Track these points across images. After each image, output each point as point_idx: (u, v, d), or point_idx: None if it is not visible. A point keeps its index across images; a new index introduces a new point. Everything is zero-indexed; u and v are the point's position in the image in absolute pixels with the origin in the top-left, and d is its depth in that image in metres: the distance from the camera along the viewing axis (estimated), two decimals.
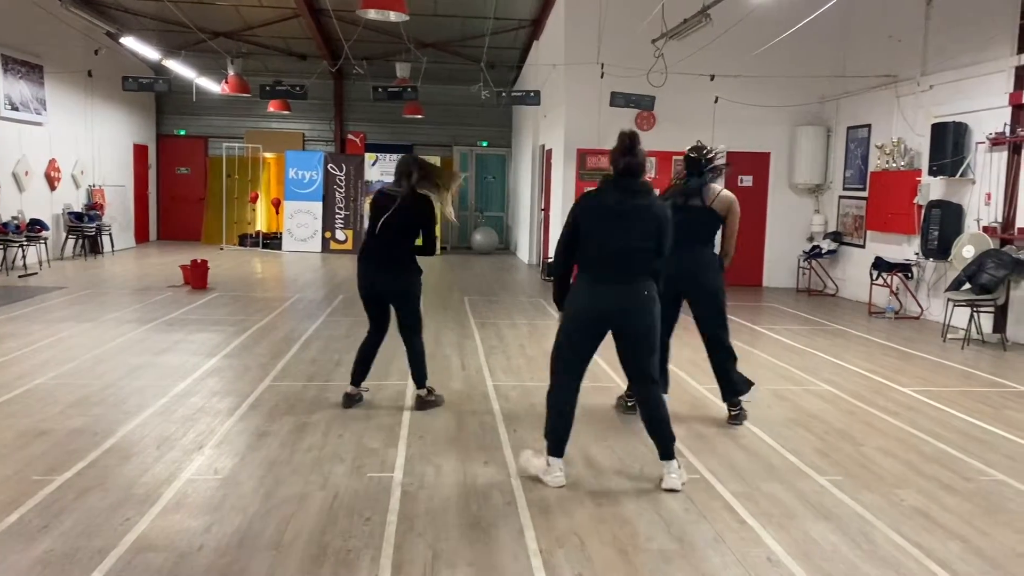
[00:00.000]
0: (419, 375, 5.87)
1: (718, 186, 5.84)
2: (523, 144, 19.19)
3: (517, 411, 5.85)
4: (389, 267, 5.64)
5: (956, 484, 4.59)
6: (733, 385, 5.79)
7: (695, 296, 5.87)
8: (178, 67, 16.55)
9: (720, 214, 5.80)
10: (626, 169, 4.38)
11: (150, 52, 15.66)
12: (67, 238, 15.37)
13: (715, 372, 5.89)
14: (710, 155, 5.72)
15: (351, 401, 5.82)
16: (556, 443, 4.45)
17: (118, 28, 15.09)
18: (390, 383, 6.47)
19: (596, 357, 4.68)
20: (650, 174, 13.49)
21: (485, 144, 21.38)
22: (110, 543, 3.54)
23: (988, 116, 9.63)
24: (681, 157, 6.08)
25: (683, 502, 4.20)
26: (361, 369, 5.88)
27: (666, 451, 4.42)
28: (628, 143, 4.38)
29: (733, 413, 5.72)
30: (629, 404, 5.84)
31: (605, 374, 6.92)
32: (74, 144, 15.77)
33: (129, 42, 14.91)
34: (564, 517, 3.97)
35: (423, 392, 5.88)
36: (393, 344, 6.08)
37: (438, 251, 18.59)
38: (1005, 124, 9.33)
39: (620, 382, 6.62)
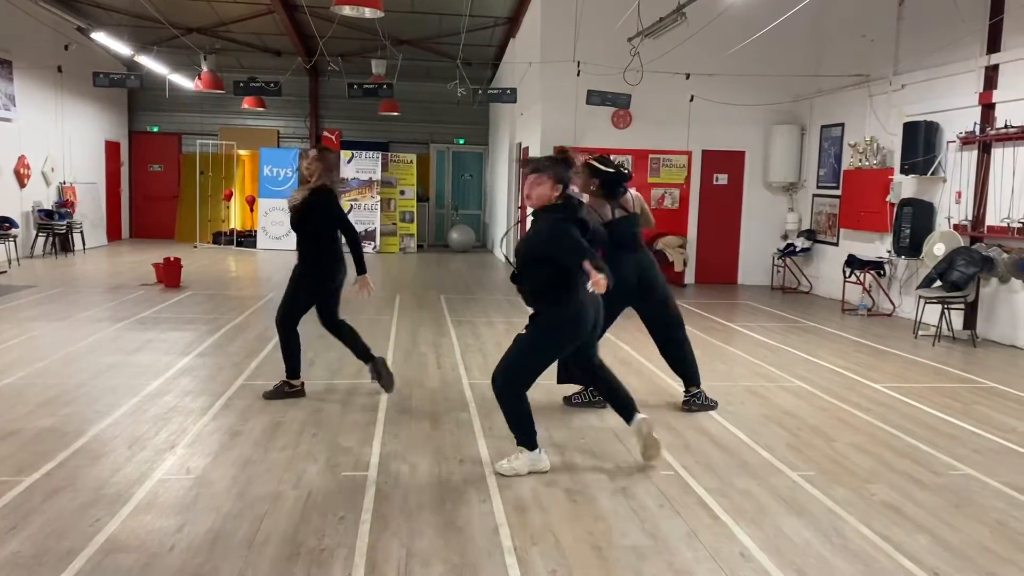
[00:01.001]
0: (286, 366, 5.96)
1: (629, 192, 5.94)
2: (500, 142, 19.19)
3: (493, 409, 5.83)
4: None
5: (926, 479, 4.65)
6: (695, 372, 6.05)
7: (646, 298, 5.92)
8: (150, 63, 16.37)
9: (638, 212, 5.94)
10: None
11: (122, 48, 15.48)
12: (37, 236, 15.15)
13: (675, 364, 6.10)
14: (623, 168, 5.93)
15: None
16: (534, 436, 4.55)
17: (89, 23, 14.91)
18: (364, 382, 6.44)
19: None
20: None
21: (462, 142, 21.35)
22: (79, 544, 3.49)
23: (958, 115, 9.76)
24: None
25: (657, 498, 4.22)
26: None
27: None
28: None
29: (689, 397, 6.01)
30: (596, 397, 5.94)
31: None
32: (44, 140, 15.54)
33: (100, 37, 14.75)
34: (539, 514, 3.98)
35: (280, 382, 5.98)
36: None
37: (412, 248, 18.64)
38: (975, 123, 9.46)
39: None
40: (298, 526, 3.75)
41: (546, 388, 6.32)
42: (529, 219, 4.53)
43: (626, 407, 4.77)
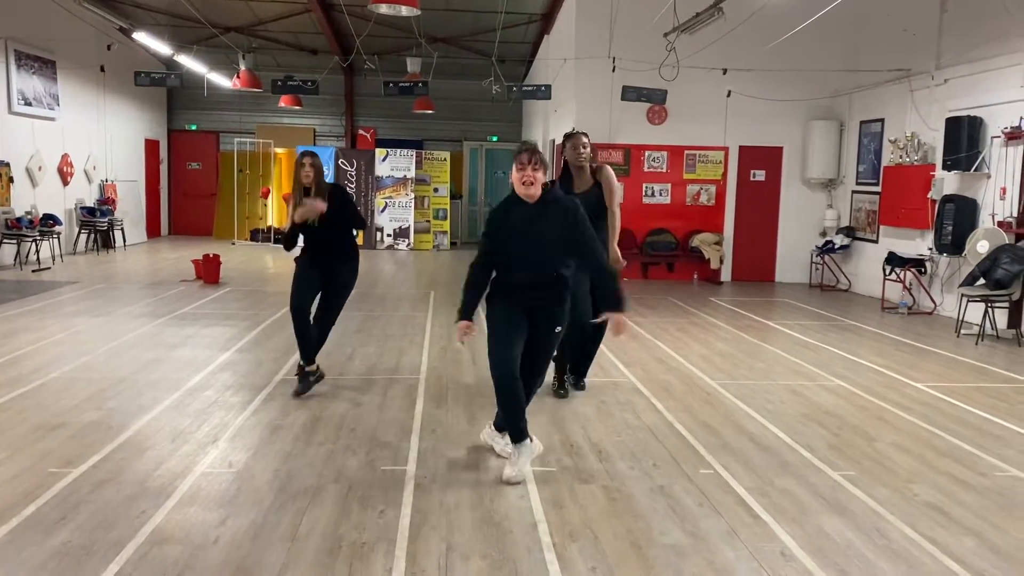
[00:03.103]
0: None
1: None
2: (533, 139, 19.17)
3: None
4: None
5: (970, 480, 4.57)
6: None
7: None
8: (190, 62, 16.60)
9: None
10: None
11: (162, 47, 15.71)
12: (80, 233, 15.45)
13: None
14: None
15: None
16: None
17: (130, 23, 15.16)
18: (400, 377, 6.48)
19: (607, 351, 4.68)
20: (661, 168, 13.50)
21: (495, 139, 21.36)
22: (126, 535, 3.56)
23: (1003, 110, 9.56)
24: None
25: (696, 497, 4.20)
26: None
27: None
28: None
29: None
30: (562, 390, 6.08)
31: (615, 368, 6.92)
32: (86, 139, 15.84)
33: (141, 37, 14.98)
34: (577, 511, 3.97)
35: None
36: (403, 340, 6.11)
37: (446, 245, 18.71)
38: (1020, 118, 9.26)
39: (631, 376, 6.62)
40: (339, 520, 3.79)
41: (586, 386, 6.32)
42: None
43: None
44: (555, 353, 4.94)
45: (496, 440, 4.75)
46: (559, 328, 4.53)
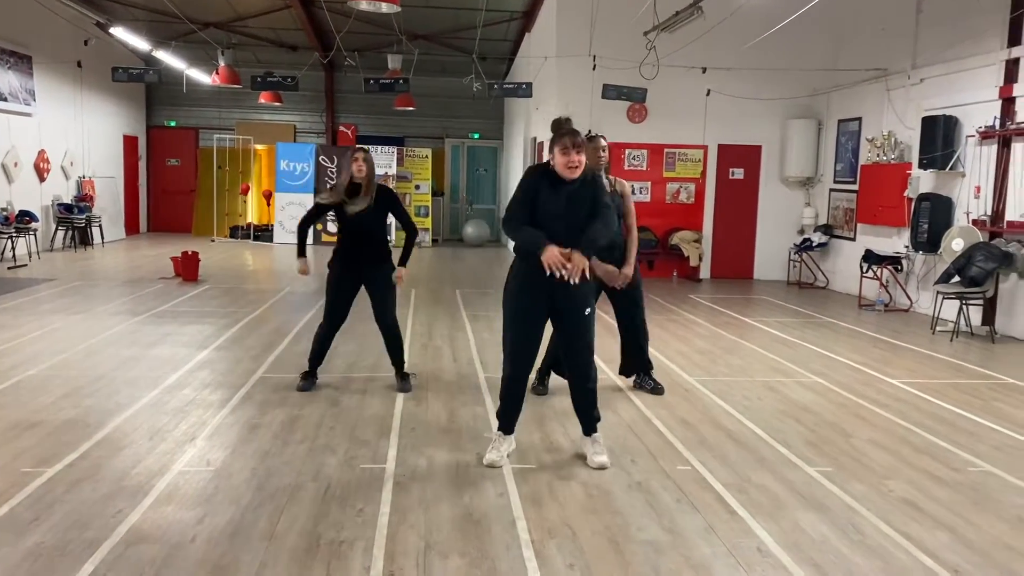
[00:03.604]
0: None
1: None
2: (515, 136, 19.17)
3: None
4: None
5: (945, 475, 4.63)
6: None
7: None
8: (168, 58, 16.46)
9: None
10: None
11: (140, 43, 15.57)
12: (57, 230, 15.28)
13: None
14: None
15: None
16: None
17: (108, 18, 15.00)
18: (380, 375, 6.47)
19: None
20: (641, 166, 13.54)
21: (476, 136, 21.35)
22: (102, 535, 3.54)
23: (978, 109, 9.67)
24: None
25: (674, 493, 4.22)
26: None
27: (591, 425, 4.69)
28: None
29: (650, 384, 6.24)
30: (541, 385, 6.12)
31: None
32: (63, 135, 15.67)
33: (119, 32, 14.83)
34: (556, 508, 3.99)
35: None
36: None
37: (427, 242, 18.68)
38: (995, 117, 9.38)
39: (609, 372, 6.65)
40: (317, 519, 3.78)
41: (560, 381, 6.34)
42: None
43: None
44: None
45: (588, 448, 4.68)
46: (589, 309, 4.54)
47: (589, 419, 4.69)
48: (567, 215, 4.39)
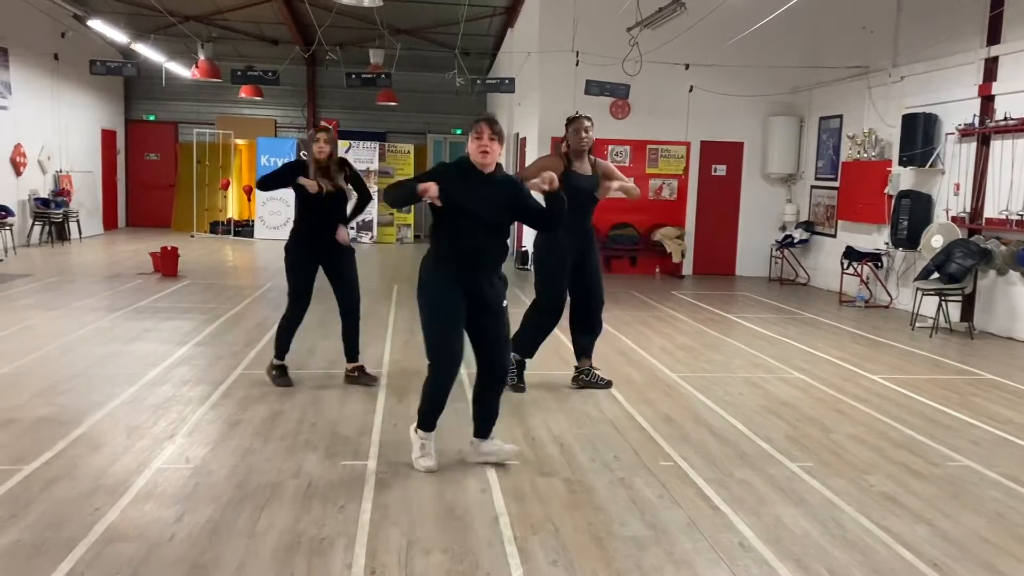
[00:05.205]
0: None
1: None
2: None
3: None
4: None
5: (923, 470, 4.66)
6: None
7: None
8: (147, 51, 16.26)
9: None
10: None
11: (118, 35, 15.38)
12: (33, 225, 15.07)
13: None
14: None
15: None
16: None
17: (85, 10, 14.81)
18: None
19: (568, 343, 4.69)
20: (624, 162, 13.55)
21: (459, 132, 21.27)
22: (79, 534, 3.49)
23: (958, 107, 9.76)
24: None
25: (656, 489, 4.23)
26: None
27: (491, 426, 4.56)
28: None
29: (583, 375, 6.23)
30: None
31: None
32: (40, 129, 15.45)
33: (97, 25, 14.64)
34: (538, 504, 3.98)
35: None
36: (365, 334, 6.08)
37: (409, 238, 18.62)
38: (974, 115, 9.46)
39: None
40: (298, 515, 3.75)
41: (540, 377, 6.34)
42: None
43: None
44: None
45: (489, 447, 4.57)
46: (505, 302, 4.45)
47: (492, 421, 4.53)
48: (482, 197, 4.23)
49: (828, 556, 3.53)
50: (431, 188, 4.08)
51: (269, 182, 5.90)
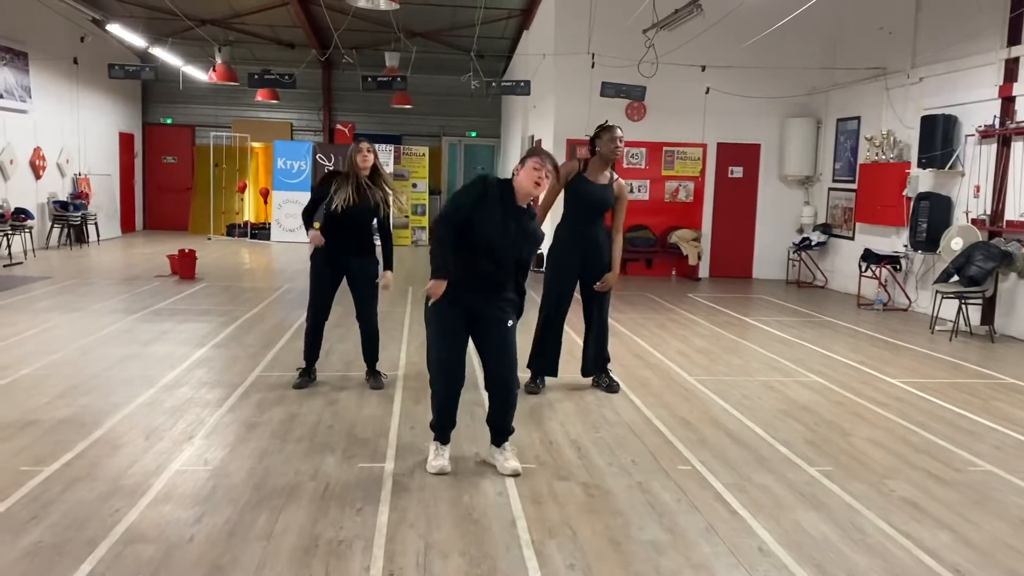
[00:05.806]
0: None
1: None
2: (512, 135, 19.14)
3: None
4: None
5: (945, 475, 4.61)
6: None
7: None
8: (165, 55, 16.40)
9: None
10: None
11: (136, 39, 15.51)
12: (52, 227, 15.23)
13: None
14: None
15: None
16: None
17: (104, 15, 14.94)
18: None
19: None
20: (640, 164, 13.52)
21: (474, 135, 21.32)
22: (99, 534, 3.51)
23: (977, 108, 9.66)
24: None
25: (674, 493, 4.20)
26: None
27: (505, 437, 4.53)
28: None
29: (605, 383, 6.19)
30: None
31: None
32: (59, 132, 15.61)
33: (115, 29, 14.77)
34: (555, 508, 3.97)
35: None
36: (381, 336, 6.09)
37: (424, 240, 18.64)
38: (994, 116, 9.37)
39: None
40: (316, 518, 3.75)
41: (555, 382, 6.33)
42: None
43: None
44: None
45: (498, 457, 4.54)
46: (511, 321, 4.44)
47: (505, 432, 4.51)
48: (509, 227, 4.24)
49: (848, 561, 3.49)
50: (438, 292, 4.31)
51: (309, 212, 6.01)
